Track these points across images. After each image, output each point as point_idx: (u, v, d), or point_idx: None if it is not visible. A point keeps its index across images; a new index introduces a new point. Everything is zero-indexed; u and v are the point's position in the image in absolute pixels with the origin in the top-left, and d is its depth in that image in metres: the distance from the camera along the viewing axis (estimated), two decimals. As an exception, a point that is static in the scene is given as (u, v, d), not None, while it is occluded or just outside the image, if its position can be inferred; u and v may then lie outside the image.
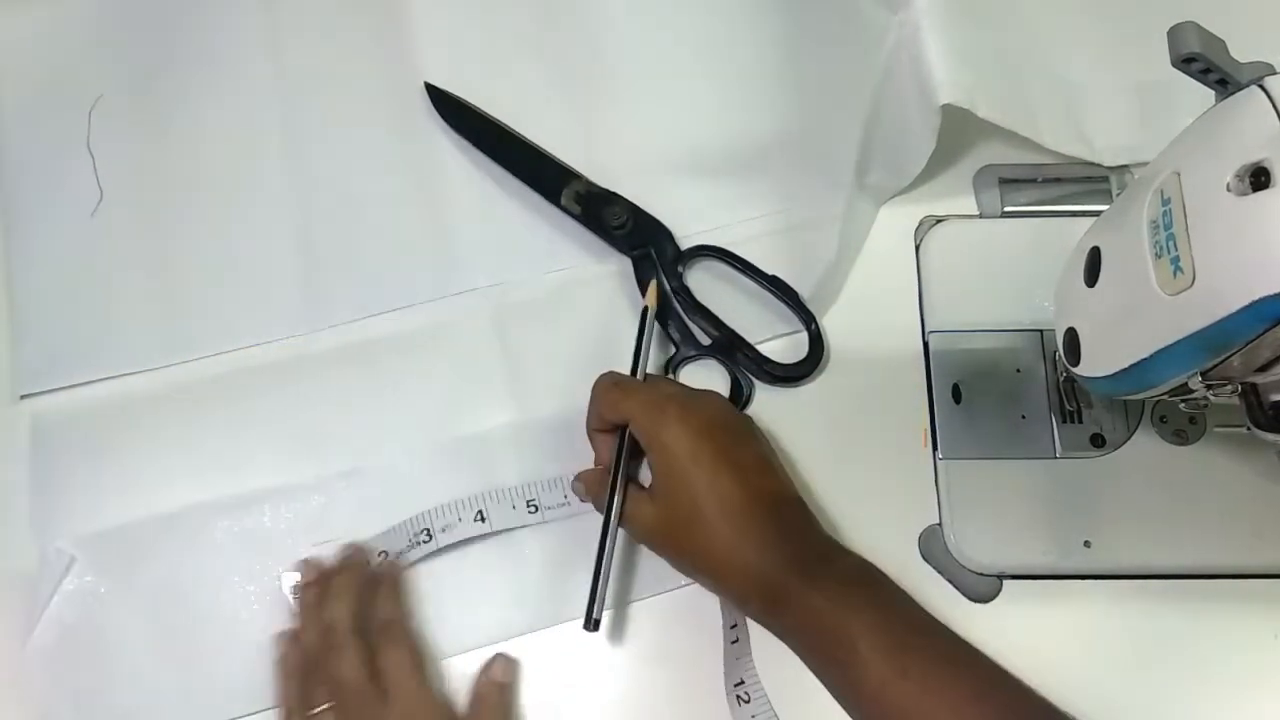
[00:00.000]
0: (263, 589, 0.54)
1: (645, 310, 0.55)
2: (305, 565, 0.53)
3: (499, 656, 0.52)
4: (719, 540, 0.47)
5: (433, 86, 0.61)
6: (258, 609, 0.53)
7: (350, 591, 0.51)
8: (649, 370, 0.54)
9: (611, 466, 0.51)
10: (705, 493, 0.47)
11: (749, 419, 0.53)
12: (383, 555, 0.54)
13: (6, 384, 0.58)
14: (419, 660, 0.51)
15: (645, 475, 0.51)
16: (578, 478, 0.53)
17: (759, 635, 0.51)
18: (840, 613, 0.45)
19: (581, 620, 0.50)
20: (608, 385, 0.52)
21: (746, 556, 0.47)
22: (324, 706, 0.49)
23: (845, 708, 0.46)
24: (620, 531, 0.51)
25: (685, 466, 0.48)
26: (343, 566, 0.53)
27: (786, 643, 0.47)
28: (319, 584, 0.52)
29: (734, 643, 0.51)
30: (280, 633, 0.52)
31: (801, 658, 0.47)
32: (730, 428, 0.50)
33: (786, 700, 0.50)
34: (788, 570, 0.46)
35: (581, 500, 0.53)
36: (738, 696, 0.50)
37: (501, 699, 0.51)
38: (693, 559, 0.49)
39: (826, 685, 0.46)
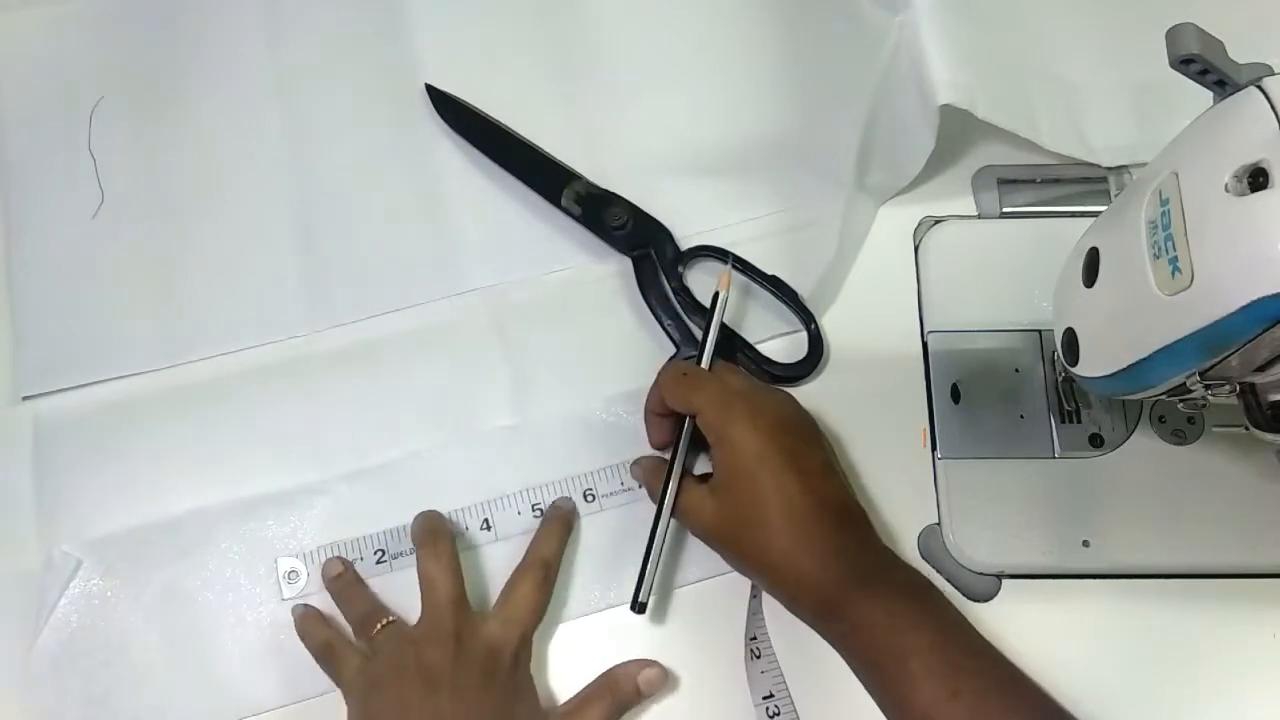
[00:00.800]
0: (267, 590, 0.54)
1: (716, 295, 0.54)
2: (334, 561, 0.54)
3: (655, 666, 0.51)
4: (779, 544, 0.47)
5: (433, 88, 0.61)
6: (262, 610, 0.53)
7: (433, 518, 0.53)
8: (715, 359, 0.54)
9: (671, 456, 0.51)
10: (770, 495, 0.47)
11: (814, 421, 0.52)
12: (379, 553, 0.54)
13: (9, 385, 0.58)
14: (544, 610, 0.52)
15: (699, 466, 0.52)
16: (636, 463, 0.53)
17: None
18: (894, 627, 0.45)
19: (627, 604, 0.50)
20: (676, 374, 0.51)
21: (805, 564, 0.47)
22: (391, 619, 0.51)
23: None
24: (672, 521, 0.51)
25: (751, 466, 0.48)
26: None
27: (837, 649, 0.47)
28: (349, 572, 0.53)
29: (754, 598, 0.52)
30: (295, 604, 0.53)
31: (851, 666, 0.47)
32: (798, 429, 0.50)
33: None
34: (845, 581, 0.46)
35: (640, 485, 0.53)
36: (751, 651, 0.51)
37: (626, 701, 0.51)
38: (750, 559, 0.48)
39: (875, 697, 0.46)
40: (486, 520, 0.54)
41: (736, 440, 0.48)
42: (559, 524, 0.53)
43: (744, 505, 0.48)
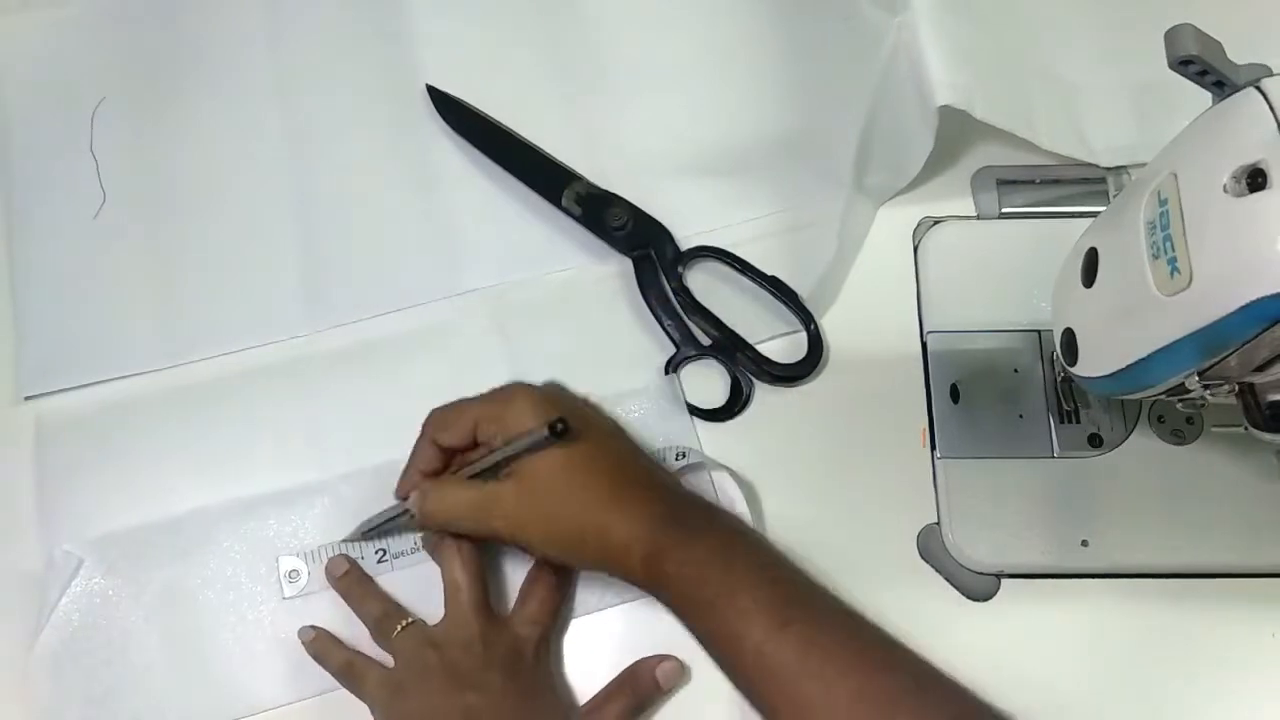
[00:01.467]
0: (268, 589, 0.54)
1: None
2: (340, 559, 0.54)
3: (672, 660, 0.51)
4: (589, 510, 0.46)
5: (434, 89, 0.61)
6: (263, 609, 0.53)
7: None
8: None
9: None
10: (562, 470, 0.47)
11: (569, 394, 0.52)
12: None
13: (10, 386, 0.58)
14: (559, 613, 0.52)
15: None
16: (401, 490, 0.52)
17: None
18: (721, 565, 0.44)
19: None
20: (439, 413, 0.51)
21: (619, 526, 0.45)
22: (409, 620, 0.51)
23: (724, 669, 0.44)
24: None
25: (549, 449, 0.47)
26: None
27: (669, 606, 0.45)
28: (354, 571, 0.53)
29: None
30: (302, 628, 0.53)
31: (682, 619, 0.45)
32: (575, 396, 0.51)
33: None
34: (664, 530, 0.45)
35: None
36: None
37: (647, 696, 0.51)
38: (567, 536, 0.47)
39: (705, 645, 0.44)
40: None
41: (519, 420, 0.47)
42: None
43: (541, 479, 0.47)
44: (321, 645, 0.52)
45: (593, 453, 0.48)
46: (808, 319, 0.56)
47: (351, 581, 0.53)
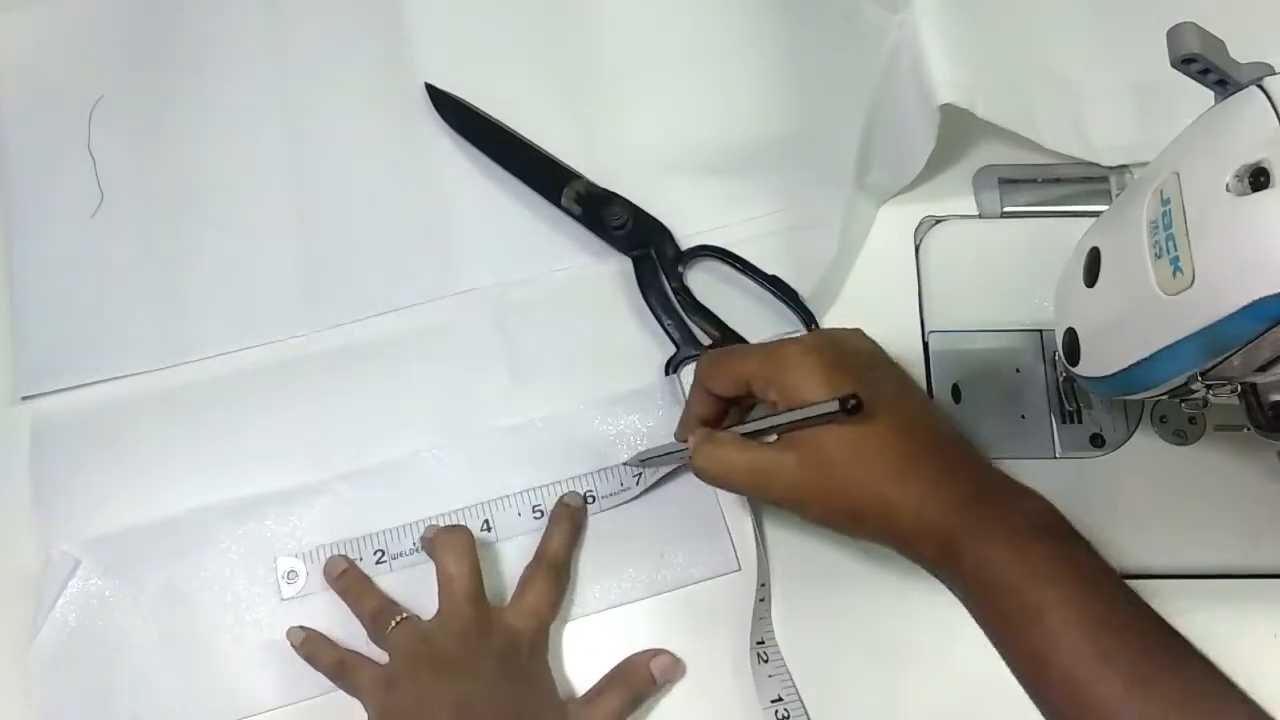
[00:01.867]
0: (266, 590, 0.54)
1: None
2: (338, 559, 0.54)
3: (666, 654, 0.51)
4: (874, 487, 0.42)
5: (433, 87, 0.61)
6: (261, 610, 0.53)
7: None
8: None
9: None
10: (851, 433, 0.43)
11: (877, 348, 0.48)
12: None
13: (8, 385, 0.58)
14: (559, 606, 0.51)
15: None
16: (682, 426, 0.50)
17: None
18: (1023, 573, 0.40)
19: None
20: (712, 359, 0.48)
21: (908, 502, 0.42)
22: (402, 616, 0.50)
23: (1024, 685, 0.40)
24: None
25: (837, 429, 0.43)
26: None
27: (960, 597, 0.42)
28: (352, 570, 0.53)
29: (760, 601, 0.51)
30: (290, 628, 0.52)
31: (975, 616, 0.42)
32: (862, 353, 0.47)
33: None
34: (958, 514, 0.41)
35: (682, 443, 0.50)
36: (758, 655, 0.51)
37: (642, 689, 0.51)
38: (845, 511, 0.44)
39: (1004, 655, 0.41)
40: (487, 521, 0.54)
41: (798, 381, 0.44)
42: (567, 520, 0.53)
43: (827, 452, 0.43)
44: (312, 645, 0.52)
45: (883, 426, 0.43)
46: (808, 319, 0.56)
47: (350, 581, 0.53)
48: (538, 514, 0.54)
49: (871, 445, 0.43)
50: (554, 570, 0.52)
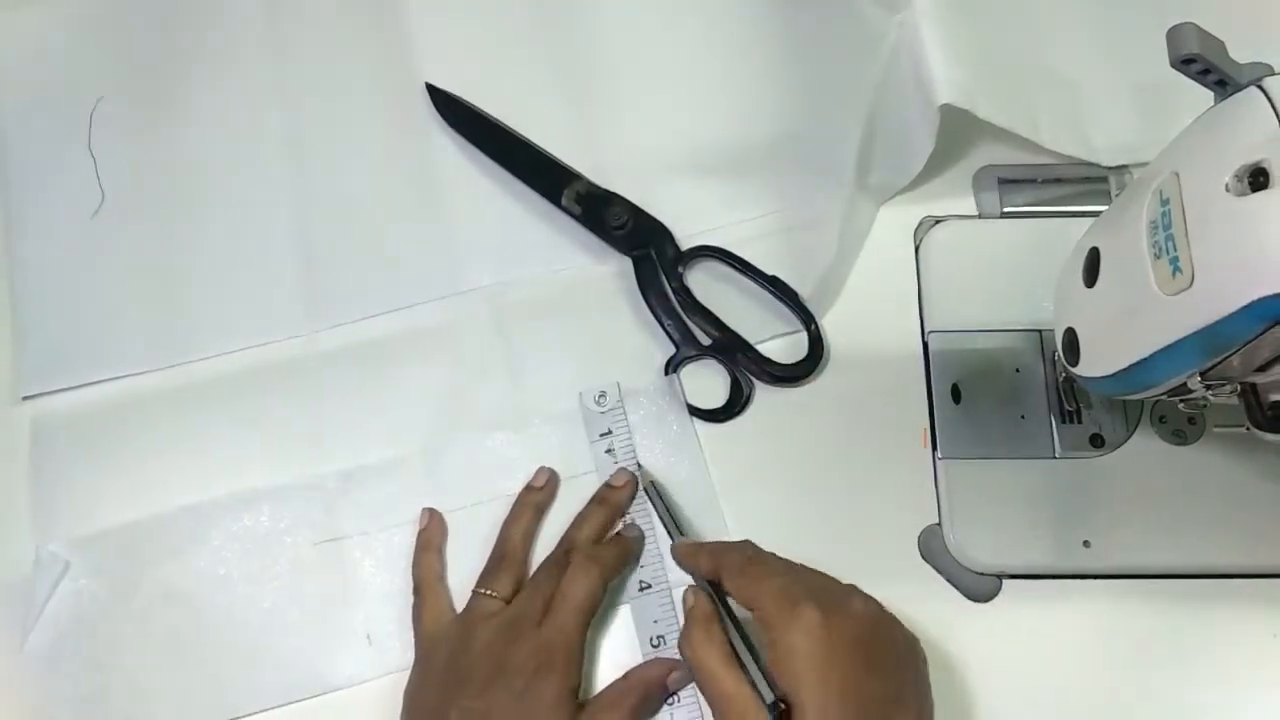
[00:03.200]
0: (262, 590, 0.54)
1: (651, 486, 0.53)
2: (541, 471, 0.54)
3: (683, 666, 0.49)
4: None
5: (434, 87, 0.61)
6: (257, 610, 0.53)
7: (599, 520, 0.53)
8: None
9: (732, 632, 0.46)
10: (842, 691, 0.41)
11: (899, 634, 0.45)
12: None
13: (8, 385, 0.58)
14: (594, 607, 0.50)
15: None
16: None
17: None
18: None
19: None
20: (741, 561, 0.46)
21: None
22: (496, 594, 0.50)
23: None
24: None
25: (808, 685, 0.41)
26: (602, 501, 0.53)
27: None
28: (544, 490, 0.54)
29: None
30: (424, 508, 0.54)
31: None
32: (870, 649, 0.43)
33: None
34: None
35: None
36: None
37: (655, 701, 0.50)
38: None
39: None
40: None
41: (796, 646, 0.42)
42: (599, 505, 0.53)
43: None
44: (422, 541, 0.53)
45: (877, 698, 0.42)
46: (808, 319, 0.56)
47: (529, 500, 0.53)
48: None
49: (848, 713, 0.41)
50: (591, 567, 0.50)
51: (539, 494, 0.54)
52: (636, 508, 0.54)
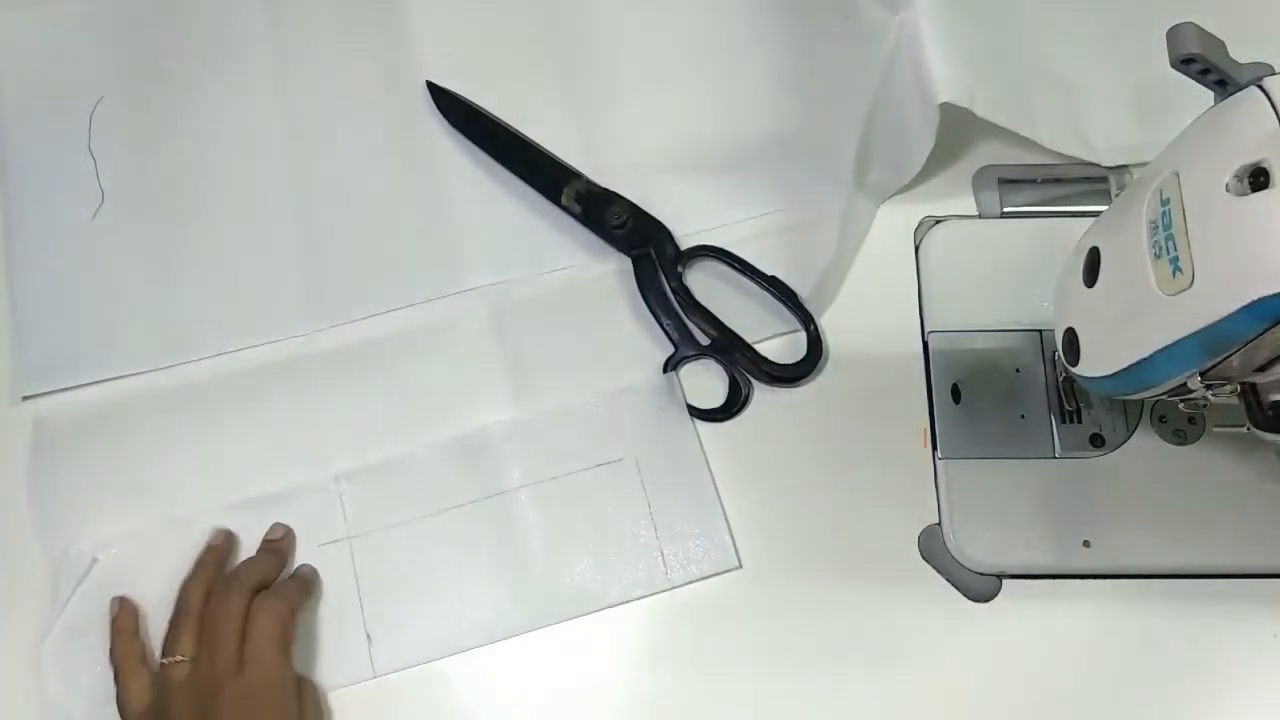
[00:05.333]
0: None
1: None
2: (220, 533, 0.54)
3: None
4: None
5: (434, 85, 0.61)
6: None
7: (267, 564, 0.53)
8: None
9: None
10: None
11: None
12: None
13: (8, 385, 0.58)
14: (289, 636, 0.50)
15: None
16: None
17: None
18: None
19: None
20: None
21: None
22: (179, 659, 0.49)
23: None
24: None
25: None
26: (270, 549, 0.54)
27: None
28: (219, 550, 0.53)
29: None
30: (112, 598, 0.53)
31: None
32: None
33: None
34: None
35: None
36: None
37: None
38: None
39: None
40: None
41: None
42: (272, 555, 0.53)
43: None
44: (115, 628, 0.52)
45: None
46: (807, 319, 0.56)
47: (207, 559, 0.53)
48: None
49: None
50: (273, 596, 0.51)
51: (218, 552, 0.53)
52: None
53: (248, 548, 0.54)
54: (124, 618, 0.52)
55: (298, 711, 0.49)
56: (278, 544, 0.54)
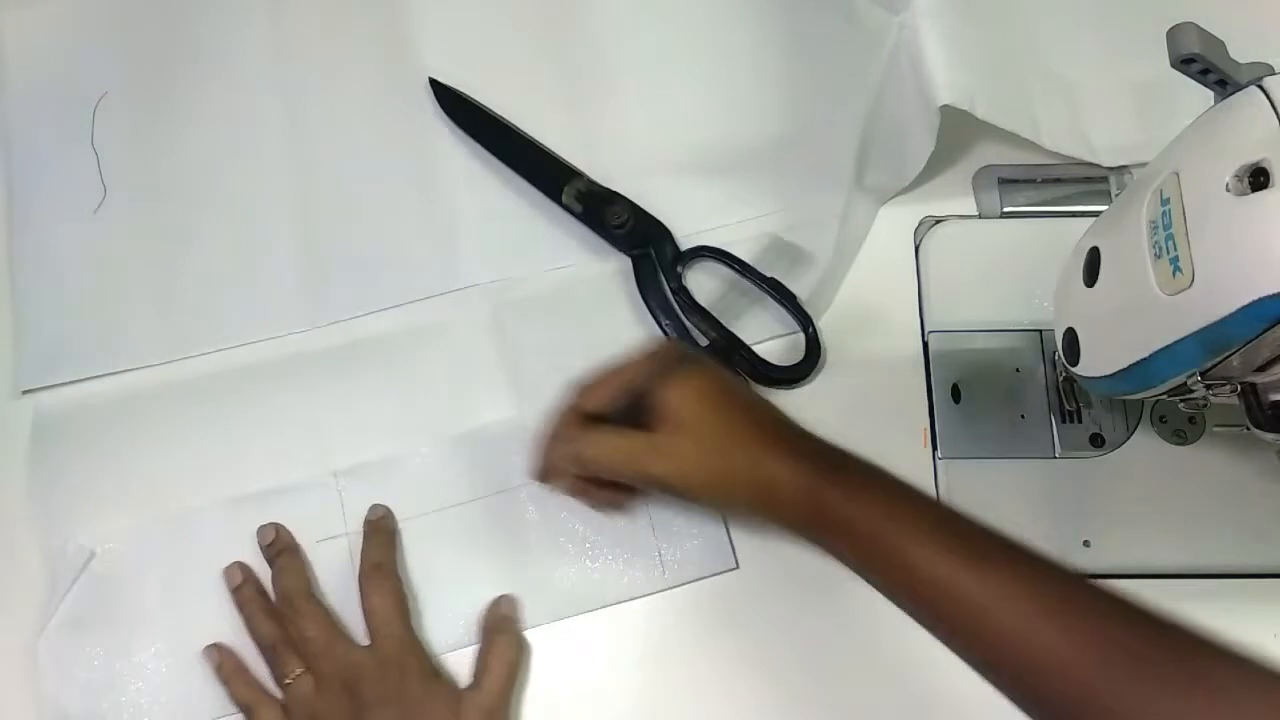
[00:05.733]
0: (266, 584, 0.53)
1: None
2: (237, 567, 0.54)
3: (504, 597, 0.53)
4: (748, 459, 0.46)
5: (437, 82, 0.61)
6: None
7: (296, 566, 0.53)
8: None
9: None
10: (723, 419, 0.48)
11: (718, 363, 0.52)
12: None
13: (8, 379, 0.58)
14: (404, 606, 0.52)
15: None
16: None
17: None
18: (893, 514, 0.44)
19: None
20: (582, 383, 0.51)
21: (779, 471, 0.46)
22: (298, 672, 0.50)
23: (913, 605, 0.44)
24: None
25: (692, 403, 0.48)
26: (280, 549, 0.54)
27: (837, 555, 0.46)
28: (250, 582, 0.53)
29: None
30: (207, 646, 0.52)
31: (849, 564, 0.45)
32: (710, 364, 0.50)
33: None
34: (824, 471, 0.46)
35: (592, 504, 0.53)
36: None
37: (514, 633, 0.52)
38: (724, 476, 0.47)
39: (886, 590, 0.44)
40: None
41: (664, 393, 0.48)
42: (379, 534, 0.54)
43: (701, 423, 0.47)
44: (227, 674, 0.52)
45: (740, 400, 0.49)
46: (806, 322, 0.56)
47: (246, 595, 0.53)
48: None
49: (737, 421, 0.48)
50: (380, 574, 0.52)
51: (247, 588, 0.53)
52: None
53: (248, 547, 0.54)
54: (228, 660, 0.52)
55: (433, 669, 0.51)
56: (380, 523, 0.54)
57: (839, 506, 0.45)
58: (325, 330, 0.58)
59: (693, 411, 0.48)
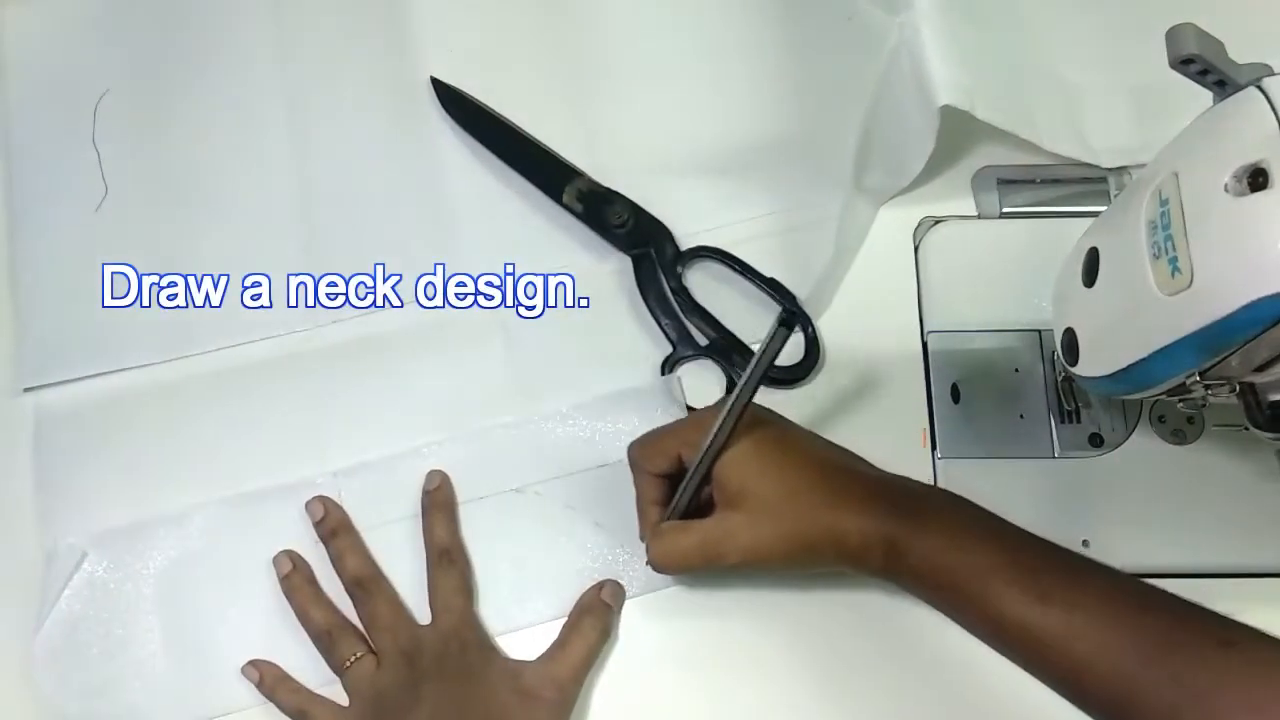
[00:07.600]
0: (267, 584, 0.54)
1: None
2: (285, 555, 0.54)
3: (609, 581, 0.53)
4: (822, 517, 0.46)
5: (439, 81, 0.61)
6: (261, 603, 0.53)
7: (359, 547, 0.54)
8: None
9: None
10: (788, 478, 0.47)
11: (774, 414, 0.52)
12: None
13: (10, 377, 0.58)
14: (470, 585, 0.53)
15: None
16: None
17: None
18: (960, 549, 0.44)
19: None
20: (638, 445, 0.51)
21: (852, 522, 0.46)
22: (359, 654, 0.51)
23: (989, 642, 0.44)
24: None
25: (753, 470, 0.47)
26: (334, 528, 0.54)
27: (913, 592, 0.46)
28: (299, 570, 0.53)
29: None
30: (244, 665, 0.52)
31: (930, 602, 0.46)
32: (766, 420, 0.50)
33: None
34: (894, 520, 0.45)
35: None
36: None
37: (604, 619, 0.52)
38: (804, 547, 0.47)
39: (963, 623, 0.45)
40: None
41: (732, 454, 0.48)
42: (436, 508, 0.54)
43: (768, 500, 0.47)
44: (271, 685, 0.52)
45: (802, 460, 0.48)
46: (805, 322, 0.56)
47: (296, 583, 0.53)
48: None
49: (802, 482, 0.47)
50: (448, 559, 0.53)
51: (296, 576, 0.53)
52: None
53: (247, 546, 0.54)
54: (269, 672, 0.52)
55: (491, 644, 0.52)
56: (438, 495, 0.54)
57: (911, 554, 0.45)
58: (325, 329, 0.58)
59: (755, 484, 0.47)
